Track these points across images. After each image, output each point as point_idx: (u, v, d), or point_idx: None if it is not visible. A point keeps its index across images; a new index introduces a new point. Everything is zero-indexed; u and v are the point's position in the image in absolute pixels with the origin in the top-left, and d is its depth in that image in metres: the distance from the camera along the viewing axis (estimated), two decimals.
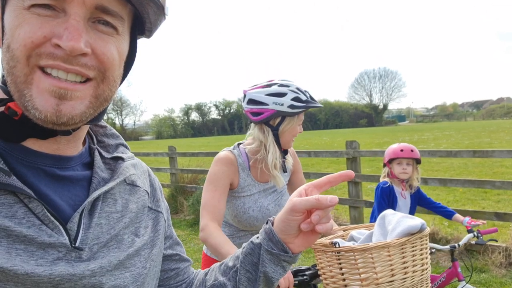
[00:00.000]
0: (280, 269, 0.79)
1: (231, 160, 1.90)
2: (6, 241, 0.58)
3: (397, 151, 3.24)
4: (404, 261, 1.25)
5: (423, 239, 1.29)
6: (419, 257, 1.29)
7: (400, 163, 3.24)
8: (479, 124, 53.53)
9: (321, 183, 0.78)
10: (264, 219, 1.93)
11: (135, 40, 0.74)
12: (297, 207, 0.74)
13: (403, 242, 1.24)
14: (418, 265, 1.28)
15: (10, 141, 0.65)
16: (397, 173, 3.25)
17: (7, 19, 0.62)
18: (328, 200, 0.71)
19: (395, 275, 1.24)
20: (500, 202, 7.72)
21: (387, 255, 1.23)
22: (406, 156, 3.21)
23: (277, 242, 0.78)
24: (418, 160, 3.27)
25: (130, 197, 0.77)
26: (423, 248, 1.30)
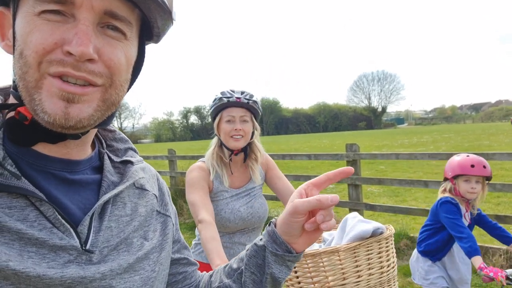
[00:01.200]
0: (285, 269, 0.79)
1: (203, 168, 2.08)
2: (18, 243, 0.59)
3: (466, 166, 2.67)
4: (357, 265, 1.28)
5: (381, 242, 1.32)
6: (376, 260, 1.31)
7: (468, 181, 2.69)
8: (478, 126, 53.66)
9: (320, 181, 0.78)
10: (236, 220, 2.04)
11: (143, 46, 0.74)
12: (299, 209, 0.73)
13: (355, 246, 1.28)
14: (375, 268, 1.31)
15: (20, 146, 0.66)
16: (464, 192, 2.70)
17: (18, 25, 0.63)
18: (329, 200, 0.71)
19: (347, 278, 1.27)
20: (500, 205, 7.72)
21: (337, 260, 1.27)
22: (477, 174, 2.66)
23: (281, 243, 0.78)
24: (489, 177, 2.72)
25: (139, 200, 0.78)
26: (381, 251, 1.33)
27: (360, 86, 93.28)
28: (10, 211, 0.60)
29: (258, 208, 2.12)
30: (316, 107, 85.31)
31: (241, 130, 2.03)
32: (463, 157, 2.75)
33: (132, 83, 0.75)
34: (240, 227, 2.09)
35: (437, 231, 2.83)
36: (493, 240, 5.50)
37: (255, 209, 2.11)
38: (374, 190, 9.71)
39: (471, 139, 25.00)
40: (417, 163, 13.56)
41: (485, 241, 5.53)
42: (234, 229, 2.08)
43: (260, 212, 2.13)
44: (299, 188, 0.78)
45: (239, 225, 2.07)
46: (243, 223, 2.08)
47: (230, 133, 2.04)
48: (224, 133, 2.06)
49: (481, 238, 5.72)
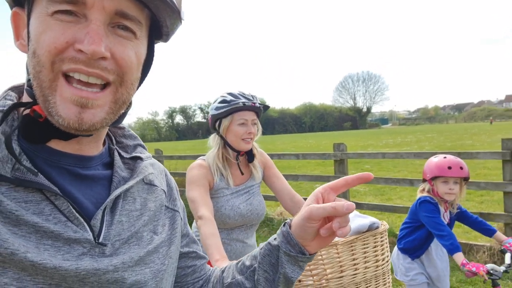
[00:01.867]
0: (298, 269, 0.80)
1: (204, 166, 2.09)
2: (35, 236, 0.60)
3: (443, 168, 2.67)
4: (354, 258, 1.31)
5: (376, 236, 1.36)
6: (372, 253, 1.35)
7: (446, 182, 2.70)
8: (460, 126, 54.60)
9: (338, 185, 0.78)
10: (236, 217, 2.07)
11: (153, 44, 0.76)
12: (313, 216, 0.74)
13: (352, 240, 1.31)
14: (371, 262, 1.34)
15: (35, 142, 0.68)
16: (442, 193, 2.72)
17: (32, 25, 0.64)
18: (344, 208, 0.71)
19: (345, 271, 1.30)
20: (483, 203, 7.88)
21: (335, 253, 1.30)
22: (454, 175, 2.66)
23: (295, 245, 0.78)
24: (467, 178, 2.72)
25: (148, 196, 0.80)
26: (377, 245, 1.36)
27: (346, 86, 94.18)
28: (26, 205, 0.61)
29: (257, 206, 2.16)
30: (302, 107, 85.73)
31: (252, 133, 2.08)
32: (440, 159, 2.76)
33: (142, 81, 0.76)
34: (239, 223, 2.11)
35: (415, 229, 2.88)
36: (477, 237, 5.64)
37: (254, 206, 2.14)
38: (360, 189, 9.82)
39: (454, 138, 25.44)
40: (402, 162, 13.75)
41: (469, 238, 5.65)
42: (233, 226, 2.11)
43: (258, 209, 2.16)
44: (316, 191, 0.79)
45: (238, 221, 2.10)
46: (242, 220, 2.11)
47: (243, 136, 2.06)
48: (236, 135, 2.07)
49: (465, 235, 5.84)
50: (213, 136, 2.17)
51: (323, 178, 7.05)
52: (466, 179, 2.75)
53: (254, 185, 2.21)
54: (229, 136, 2.09)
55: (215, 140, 2.15)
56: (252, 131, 2.08)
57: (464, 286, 4.29)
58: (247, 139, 2.08)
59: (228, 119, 2.07)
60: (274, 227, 6.54)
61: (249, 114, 2.08)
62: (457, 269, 4.67)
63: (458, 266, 4.70)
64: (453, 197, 2.72)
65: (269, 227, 6.61)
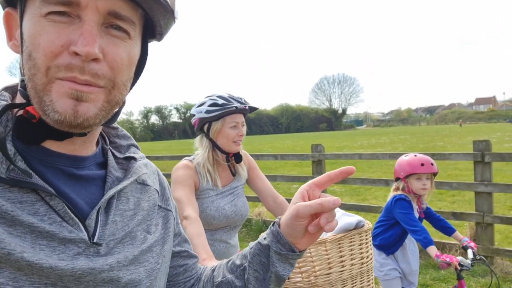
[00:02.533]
0: (289, 266, 0.82)
1: (191, 167, 2.09)
2: (30, 236, 0.60)
3: (417, 165, 2.85)
4: (341, 255, 1.35)
5: (362, 234, 1.40)
6: (357, 251, 1.39)
7: (419, 179, 2.87)
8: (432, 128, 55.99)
9: (322, 181, 0.80)
10: (220, 218, 2.08)
11: (146, 44, 0.76)
12: (301, 213, 0.75)
13: (340, 238, 1.35)
14: (356, 259, 1.38)
15: (29, 143, 0.67)
16: (416, 189, 2.88)
17: (25, 26, 0.64)
18: (331, 203, 0.73)
19: (332, 268, 1.34)
20: (455, 203, 8.12)
21: (324, 250, 1.33)
22: (427, 172, 2.84)
23: (285, 243, 0.80)
24: (436, 173, 2.92)
25: (141, 195, 0.80)
26: (362, 243, 1.40)
27: (322, 88, 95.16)
28: (21, 206, 0.61)
29: (241, 207, 2.17)
30: (279, 108, 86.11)
31: (242, 135, 2.10)
32: (411, 157, 2.93)
33: (135, 81, 0.77)
34: (223, 224, 2.12)
35: (390, 226, 2.99)
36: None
37: (238, 208, 2.16)
38: (336, 190, 9.95)
39: (426, 140, 26.08)
40: (377, 163, 14.02)
41: (442, 236, 5.78)
42: (217, 226, 2.11)
43: (242, 210, 2.18)
44: (301, 189, 0.80)
45: (223, 222, 2.11)
46: (226, 221, 2.12)
47: (234, 138, 2.08)
48: (228, 138, 2.07)
49: (438, 234, 5.97)
50: (200, 138, 2.16)
51: (301, 178, 7.11)
52: (435, 174, 2.93)
53: (238, 186, 2.22)
54: (220, 139, 2.09)
55: (203, 143, 2.14)
56: (243, 133, 2.11)
57: (437, 284, 4.42)
58: (238, 141, 2.10)
59: (220, 122, 2.07)
60: (252, 228, 6.57)
61: (239, 116, 2.09)
62: (431, 267, 4.81)
63: (432, 264, 4.84)
64: (426, 191, 2.89)
65: (247, 228, 6.63)
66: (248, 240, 6.27)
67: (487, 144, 4.73)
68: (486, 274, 4.46)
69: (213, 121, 2.07)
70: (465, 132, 33.97)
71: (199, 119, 2.10)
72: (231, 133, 2.07)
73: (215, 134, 2.09)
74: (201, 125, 2.11)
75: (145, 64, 0.77)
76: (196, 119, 2.12)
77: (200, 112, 2.09)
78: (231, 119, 2.07)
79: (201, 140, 2.15)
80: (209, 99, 2.08)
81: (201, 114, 2.08)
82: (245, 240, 6.27)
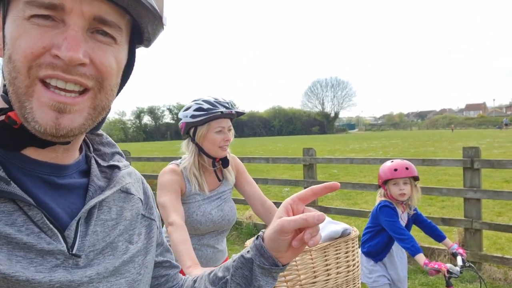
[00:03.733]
0: (271, 280, 0.81)
1: (177, 172, 2.07)
2: (6, 248, 0.58)
3: (390, 171, 2.90)
4: (326, 264, 1.34)
5: (348, 242, 1.40)
6: (343, 259, 1.38)
7: (396, 184, 2.91)
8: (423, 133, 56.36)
9: (306, 195, 0.79)
10: (207, 223, 2.06)
11: (134, 49, 0.75)
12: (285, 229, 0.74)
13: (325, 246, 1.34)
14: (342, 267, 1.38)
15: (9, 150, 0.65)
16: (395, 195, 2.92)
17: (8, 29, 0.62)
18: (315, 219, 0.72)
19: (318, 277, 1.33)
20: (444, 208, 8.17)
21: (309, 259, 1.32)
22: (402, 176, 2.88)
23: (268, 257, 0.79)
24: (416, 177, 2.95)
25: (124, 204, 0.78)
26: (348, 251, 1.40)
27: (314, 91, 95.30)
28: None
29: (228, 211, 2.15)
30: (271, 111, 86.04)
31: (229, 140, 2.08)
32: (387, 163, 2.98)
33: (122, 87, 0.75)
34: (211, 229, 2.11)
35: (377, 233, 3.00)
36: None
37: (226, 212, 2.14)
38: (327, 194, 9.94)
39: (417, 145, 26.24)
40: (368, 168, 14.07)
41: (431, 242, 5.81)
42: (204, 231, 2.10)
43: (230, 215, 2.16)
44: (285, 203, 0.79)
45: (210, 227, 2.09)
46: (213, 226, 2.10)
47: (220, 144, 2.06)
48: (213, 143, 2.06)
49: (427, 239, 6.01)
50: (186, 142, 2.15)
51: (292, 182, 7.13)
52: (415, 179, 2.94)
53: (226, 191, 2.21)
54: (206, 144, 2.08)
55: (189, 147, 2.12)
56: (229, 138, 2.09)
57: None
58: (224, 146, 2.09)
59: (205, 127, 2.06)
60: (243, 231, 6.55)
61: (225, 121, 2.08)
62: (419, 272, 4.83)
63: (420, 269, 4.86)
64: (405, 197, 2.90)
65: (237, 231, 6.61)
66: (238, 244, 6.25)
67: (477, 150, 4.77)
68: (474, 280, 4.49)
69: (199, 125, 2.06)
70: (455, 138, 34.25)
71: (185, 123, 2.09)
72: (217, 138, 2.06)
73: (200, 138, 2.08)
74: (187, 129, 2.11)
75: (132, 70, 0.76)
76: (183, 123, 2.12)
77: (186, 116, 2.08)
78: (216, 124, 2.05)
79: (188, 144, 2.14)
80: (195, 103, 2.07)
81: (187, 119, 2.08)
82: (236, 243, 6.25)
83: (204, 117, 2.03)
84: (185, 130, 2.12)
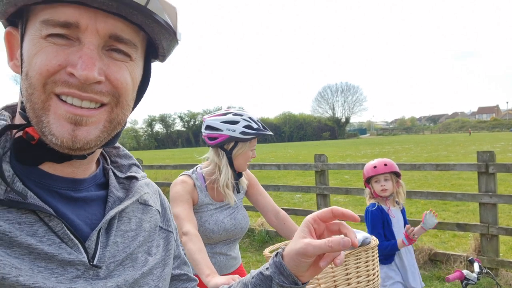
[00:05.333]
0: None
1: (189, 183, 2.10)
2: (28, 258, 0.59)
3: (370, 169, 3.06)
4: (347, 273, 1.33)
5: (368, 251, 1.38)
6: (364, 268, 1.37)
7: (377, 181, 3.05)
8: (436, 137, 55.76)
9: (326, 216, 0.77)
10: (220, 231, 2.09)
11: (149, 64, 0.75)
12: (310, 254, 0.73)
13: (346, 255, 1.32)
14: (362, 276, 1.36)
15: (27, 165, 0.67)
16: (378, 191, 3.05)
17: (25, 47, 0.64)
18: (341, 245, 0.71)
19: (338, 286, 1.31)
20: (459, 213, 8.05)
21: (330, 268, 1.30)
22: (381, 172, 3.01)
23: (288, 275, 0.77)
24: (397, 174, 3.07)
25: (143, 216, 0.79)
26: (368, 260, 1.38)
27: (325, 97, 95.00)
28: (20, 226, 0.60)
29: (240, 220, 2.17)
30: (281, 117, 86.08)
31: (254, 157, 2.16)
32: (369, 163, 3.16)
33: (138, 101, 0.76)
34: (223, 238, 2.12)
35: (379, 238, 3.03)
36: (454, 247, 5.76)
37: (238, 221, 2.16)
38: (340, 200, 9.90)
39: (430, 149, 25.97)
40: None
41: (446, 248, 5.76)
42: (216, 240, 2.11)
43: (242, 223, 2.18)
44: (307, 222, 0.78)
45: (222, 236, 2.11)
46: (226, 234, 2.11)
47: (249, 159, 2.13)
48: (246, 159, 2.12)
49: (442, 245, 5.96)
50: (216, 153, 2.12)
51: (304, 188, 7.09)
52: (396, 174, 3.07)
53: (238, 200, 2.23)
54: (239, 159, 2.11)
55: (222, 160, 2.10)
56: (255, 155, 2.17)
57: None
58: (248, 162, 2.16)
59: (247, 144, 2.10)
60: (255, 238, 6.53)
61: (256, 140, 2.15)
62: (435, 279, 4.76)
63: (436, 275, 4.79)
64: (387, 192, 3.03)
65: (250, 238, 6.59)
66: (251, 251, 6.24)
67: (491, 155, 4.70)
68: (492, 286, 4.41)
69: (242, 141, 2.08)
70: (468, 141, 33.83)
71: (229, 136, 2.05)
72: (250, 154, 2.12)
73: (237, 153, 2.09)
74: (228, 142, 2.07)
75: (148, 85, 0.76)
76: (223, 135, 2.06)
77: (232, 130, 2.04)
78: (254, 142, 2.13)
79: (219, 155, 2.11)
80: (242, 119, 2.06)
81: (233, 133, 2.04)
82: (248, 251, 6.23)
83: (252, 136, 2.07)
84: (223, 142, 2.07)
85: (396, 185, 3.08)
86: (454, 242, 6.15)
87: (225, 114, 2.11)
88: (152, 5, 0.62)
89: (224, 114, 2.12)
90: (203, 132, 2.15)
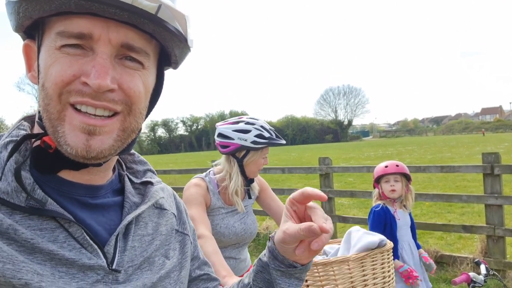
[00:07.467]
0: (296, 281, 0.79)
1: (202, 185, 2.11)
2: (49, 264, 0.61)
3: (381, 168, 3.09)
4: (364, 274, 1.35)
5: (384, 253, 1.40)
6: (379, 270, 1.39)
7: (387, 181, 3.06)
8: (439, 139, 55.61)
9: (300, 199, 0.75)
10: (230, 235, 2.11)
11: (162, 72, 0.77)
12: (287, 241, 0.74)
13: (362, 256, 1.35)
14: (378, 278, 1.38)
15: (45, 173, 0.68)
16: (386, 192, 3.06)
17: (41, 58, 0.66)
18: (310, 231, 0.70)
19: (356, 287, 1.33)
20: (464, 215, 8.02)
21: (347, 269, 1.33)
22: (391, 172, 3.03)
23: (282, 259, 0.78)
24: (408, 176, 3.09)
25: (159, 220, 0.80)
26: (384, 262, 1.40)
27: (327, 99, 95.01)
28: (41, 233, 0.62)
29: (250, 224, 2.20)
30: (284, 120, 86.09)
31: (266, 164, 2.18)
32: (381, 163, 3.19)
33: (151, 109, 0.77)
34: (233, 242, 2.14)
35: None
36: (460, 249, 5.74)
37: (248, 225, 2.18)
38: (344, 202, 9.89)
39: (434, 151, 25.91)
40: None
41: (453, 250, 5.74)
42: (226, 244, 2.13)
43: (252, 228, 2.21)
44: (286, 206, 0.78)
45: (233, 240, 2.13)
46: (236, 238, 2.14)
47: (260, 167, 2.14)
48: (258, 167, 2.14)
49: (448, 247, 5.94)
50: (227, 160, 2.14)
51: None
52: (407, 177, 3.08)
53: (248, 205, 2.25)
54: (251, 167, 2.12)
55: (233, 167, 2.12)
56: (267, 162, 2.18)
57: None
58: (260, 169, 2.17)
59: (259, 153, 2.11)
60: (260, 242, 6.54)
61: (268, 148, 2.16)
62: (442, 281, 4.75)
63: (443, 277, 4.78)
64: (396, 193, 3.04)
65: (255, 242, 6.60)
66: (256, 255, 6.24)
67: (496, 156, 4.70)
68: None
69: (253, 150, 2.09)
70: (472, 143, 33.73)
71: (240, 145, 2.06)
72: (261, 162, 2.14)
73: (248, 161, 2.10)
74: (239, 150, 2.09)
75: (161, 92, 0.78)
76: (234, 144, 2.07)
77: (244, 139, 2.06)
78: (266, 151, 2.14)
79: (230, 163, 2.13)
80: (254, 128, 2.07)
81: (245, 142, 2.06)
82: (254, 255, 6.23)
83: (264, 145, 2.07)
84: (235, 151, 2.09)
85: (405, 189, 3.07)
86: (460, 244, 6.12)
87: (237, 122, 2.13)
88: (163, 13, 0.64)
89: (236, 122, 2.13)
90: (216, 140, 2.17)
